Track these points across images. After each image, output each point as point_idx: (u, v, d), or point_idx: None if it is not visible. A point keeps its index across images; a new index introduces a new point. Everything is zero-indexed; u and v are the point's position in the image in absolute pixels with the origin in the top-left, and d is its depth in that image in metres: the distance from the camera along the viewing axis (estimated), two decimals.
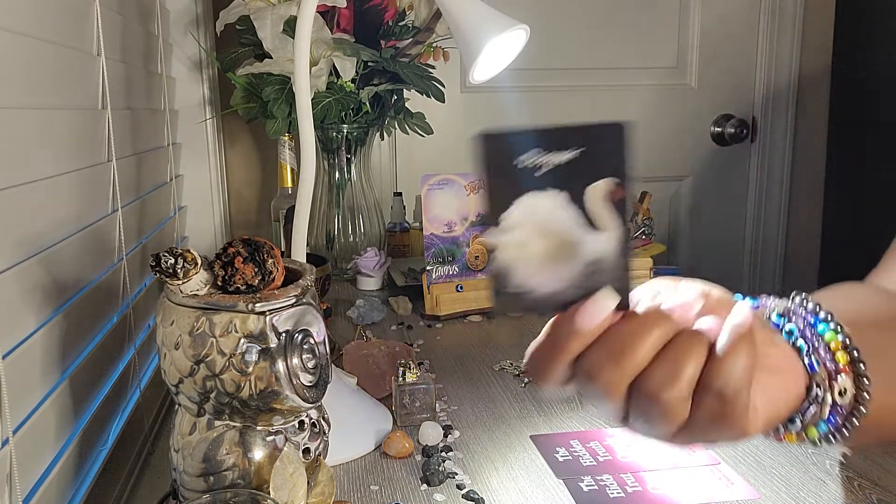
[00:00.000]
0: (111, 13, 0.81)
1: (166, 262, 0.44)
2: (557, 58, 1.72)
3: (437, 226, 1.04)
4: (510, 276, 0.38)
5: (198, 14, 1.35)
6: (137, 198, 0.90)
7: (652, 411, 0.36)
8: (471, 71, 0.84)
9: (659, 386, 0.35)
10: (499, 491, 0.60)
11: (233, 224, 1.52)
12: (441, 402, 0.77)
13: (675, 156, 1.84)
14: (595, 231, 0.37)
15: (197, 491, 0.48)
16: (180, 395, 0.48)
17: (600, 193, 0.37)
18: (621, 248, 0.37)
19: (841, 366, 0.38)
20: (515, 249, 0.37)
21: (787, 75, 1.81)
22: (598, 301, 0.37)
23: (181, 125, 1.33)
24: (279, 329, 0.46)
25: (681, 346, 0.36)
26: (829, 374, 0.39)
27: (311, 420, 0.51)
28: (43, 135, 0.59)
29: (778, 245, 1.91)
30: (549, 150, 0.36)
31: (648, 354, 0.36)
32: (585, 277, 0.38)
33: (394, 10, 1.20)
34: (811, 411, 0.39)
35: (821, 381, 0.39)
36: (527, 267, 0.38)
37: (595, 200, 0.37)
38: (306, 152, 0.67)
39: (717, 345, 0.36)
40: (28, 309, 0.52)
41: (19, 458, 0.46)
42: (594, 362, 0.37)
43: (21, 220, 0.53)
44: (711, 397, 0.35)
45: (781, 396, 0.38)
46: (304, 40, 0.65)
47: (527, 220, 0.37)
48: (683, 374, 0.35)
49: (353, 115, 1.22)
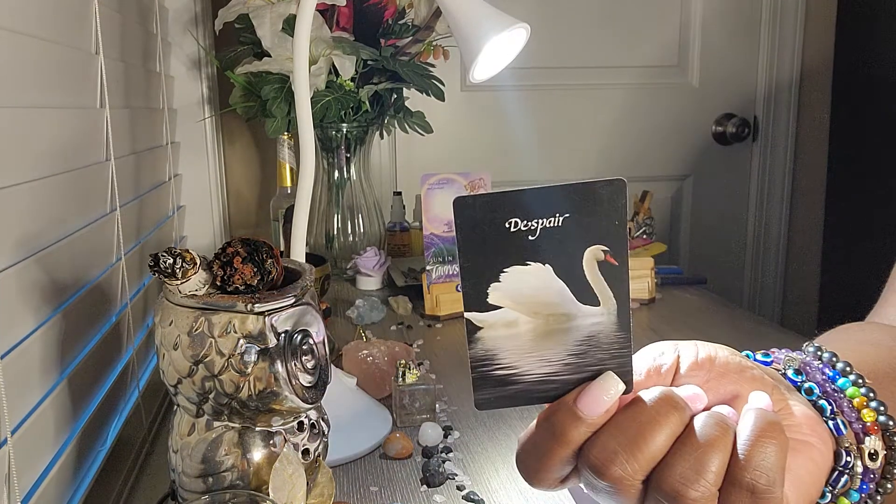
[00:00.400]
0: (110, 12, 0.81)
1: (165, 261, 0.44)
2: (558, 56, 1.71)
3: (437, 225, 1.04)
4: (495, 360, 0.33)
5: (196, 13, 1.35)
6: (136, 197, 0.90)
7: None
8: (471, 70, 0.83)
9: (683, 482, 0.31)
10: (499, 492, 0.60)
11: (232, 224, 1.52)
12: (441, 403, 0.77)
13: (677, 155, 1.83)
14: (590, 304, 0.33)
15: (196, 492, 0.47)
16: (179, 396, 0.48)
17: (598, 260, 0.33)
18: (620, 322, 0.33)
19: (868, 425, 0.35)
20: (503, 329, 0.33)
21: (789, 74, 1.81)
22: (604, 384, 0.33)
23: (180, 124, 1.33)
24: (278, 329, 0.46)
25: (705, 435, 0.32)
26: (857, 435, 0.35)
27: (310, 421, 0.51)
28: (41, 134, 0.59)
29: (779, 244, 1.90)
30: (537, 213, 0.32)
31: (666, 444, 0.32)
32: (579, 356, 0.34)
33: (393, 8, 1.20)
34: (842, 482, 0.35)
35: (849, 447, 0.35)
36: (515, 348, 0.33)
37: (590, 269, 0.33)
38: (305, 151, 0.67)
39: (741, 433, 0.32)
40: (26, 309, 0.52)
41: (18, 459, 0.46)
42: (603, 453, 0.32)
43: (19, 219, 0.52)
44: (741, 493, 0.31)
45: (811, 477, 0.34)
46: (303, 39, 0.65)
47: (514, 295, 0.33)
48: (709, 469, 0.31)
49: (353, 114, 1.22)
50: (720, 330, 1.02)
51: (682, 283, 1.24)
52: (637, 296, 1.11)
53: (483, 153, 1.71)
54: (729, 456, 0.32)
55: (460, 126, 1.69)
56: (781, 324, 1.89)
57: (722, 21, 1.78)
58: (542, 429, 0.34)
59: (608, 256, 0.32)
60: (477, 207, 0.32)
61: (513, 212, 0.32)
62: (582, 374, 0.34)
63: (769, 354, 0.40)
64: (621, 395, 0.34)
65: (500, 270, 0.32)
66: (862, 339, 0.47)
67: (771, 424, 0.32)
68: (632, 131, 1.78)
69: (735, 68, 1.81)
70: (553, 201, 0.32)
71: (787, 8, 1.78)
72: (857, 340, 0.46)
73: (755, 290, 1.93)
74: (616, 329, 0.33)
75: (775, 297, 1.93)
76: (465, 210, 0.32)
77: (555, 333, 0.33)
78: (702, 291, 1.21)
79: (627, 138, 1.78)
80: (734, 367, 0.36)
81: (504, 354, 0.34)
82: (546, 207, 0.32)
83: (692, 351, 0.36)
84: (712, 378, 0.35)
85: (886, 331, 0.49)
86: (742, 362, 0.36)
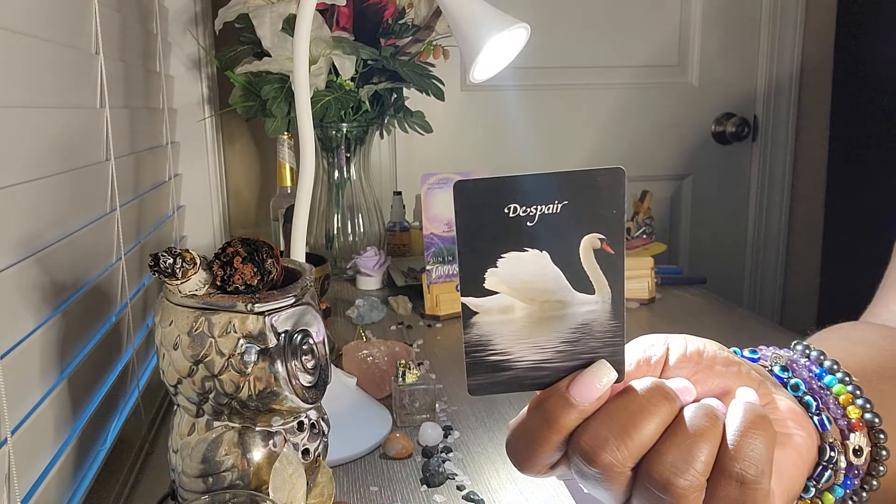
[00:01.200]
0: (110, 11, 0.81)
1: (165, 261, 0.44)
2: (558, 56, 1.71)
3: (436, 225, 1.04)
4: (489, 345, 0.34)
5: (196, 12, 1.35)
6: (136, 197, 0.90)
7: (662, 500, 0.32)
8: (471, 70, 0.83)
9: (672, 471, 0.31)
10: (499, 492, 0.60)
11: (232, 223, 1.52)
12: (441, 403, 0.77)
13: (677, 154, 1.83)
14: (585, 291, 0.33)
15: (196, 492, 0.47)
16: (179, 396, 0.48)
17: (592, 249, 0.33)
18: (614, 311, 0.33)
19: (853, 421, 0.35)
20: (498, 314, 0.33)
21: (789, 73, 1.81)
22: (597, 372, 0.33)
23: (180, 124, 1.33)
24: (278, 329, 0.46)
25: (695, 425, 0.32)
26: (842, 431, 0.36)
27: (310, 421, 0.51)
28: (41, 133, 0.59)
29: (779, 243, 1.90)
30: (536, 200, 0.32)
31: (656, 433, 0.32)
32: (572, 344, 0.34)
33: (393, 8, 1.20)
34: (826, 476, 0.35)
35: (833, 442, 0.35)
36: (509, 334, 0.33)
37: (586, 257, 0.33)
38: (305, 151, 0.67)
39: (729, 425, 0.32)
40: (26, 309, 0.52)
41: (18, 459, 0.46)
42: (594, 440, 0.33)
43: (19, 219, 0.52)
44: (730, 484, 0.31)
45: (796, 470, 0.34)
46: (303, 39, 0.65)
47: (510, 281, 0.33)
48: (698, 458, 0.31)
49: (353, 114, 1.22)
50: (720, 330, 1.02)
51: (682, 282, 1.24)
52: (637, 296, 1.11)
53: (483, 153, 1.71)
54: (718, 446, 0.32)
55: (460, 126, 1.69)
56: (781, 324, 1.89)
57: (722, 21, 1.78)
58: (534, 415, 0.35)
59: (604, 245, 0.33)
60: (477, 192, 0.32)
61: (512, 197, 0.32)
62: (574, 362, 0.34)
63: (756, 351, 0.40)
64: (613, 384, 0.34)
65: (498, 256, 0.33)
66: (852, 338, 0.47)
67: (759, 417, 0.32)
68: (632, 131, 1.78)
69: (735, 68, 1.81)
70: (552, 188, 0.32)
71: (787, 8, 1.78)
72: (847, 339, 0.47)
73: (755, 290, 1.93)
74: (610, 318, 0.33)
75: (775, 296, 1.93)
76: (464, 194, 0.32)
77: (549, 320, 0.34)
78: (702, 291, 1.21)
79: (627, 138, 1.78)
80: (721, 361, 0.36)
81: (498, 340, 0.34)
82: (545, 194, 0.32)
83: (681, 344, 0.36)
84: (700, 371, 0.36)
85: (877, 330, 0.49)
86: (729, 357, 0.36)
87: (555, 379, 0.34)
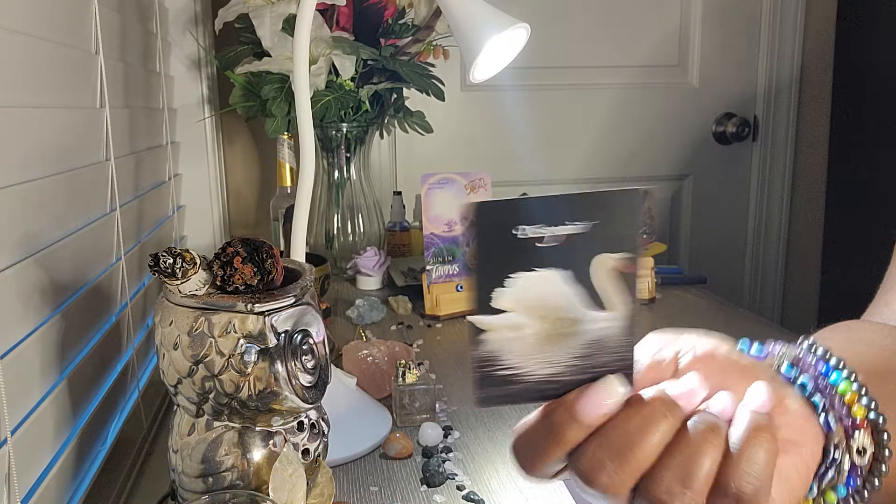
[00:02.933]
0: (110, 11, 0.81)
1: (165, 261, 0.44)
2: (558, 56, 1.71)
3: (437, 225, 1.04)
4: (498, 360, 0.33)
5: (196, 12, 1.35)
6: (136, 197, 0.90)
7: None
8: (471, 70, 0.83)
9: (671, 490, 0.31)
10: (499, 492, 0.60)
11: (232, 223, 1.52)
12: (441, 403, 0.77)
13: (677, 154, 1.83)
14: (599, 308, 0.33)
15: (196, 492, 0.47)
16: (179, 396, 0.48)
17: (607, 268, 0.32)
18: (626, 327, 0.33)
19: (858, 420, 0.35)
20: (509, 332, 0.33)
21: (789, 73, 1.81)
22: (606, 389, 0.33)
23: (180, 124, 1.33)
24: (278, 329, 0.46)
25: (695, 441, 0.32)
26: (846, 430, 0.35)
27: (310, 421, 0.51)
28: (41, 133, 0.59)
29: (780, 244, 1.90)
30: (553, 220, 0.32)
31: (656, 451, 0.32)
32: (584, 359, 0.34)
33: (393, 8, 1.20)
34: (829, 476, 0.35)
35: (838, 442, 0.35)
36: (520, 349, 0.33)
37: (601, 275, 0.33)
38: (305, 151, 0.67)
39: (732, 434, 0.32)
40: (26, 309, 0.52)
41: (18, 459, 0.46)
42: (593, 461, 0.32)
43: (19, 219, 0.52)
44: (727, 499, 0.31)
45: (799, 477, 0.34)
46: (303, 38, 0.65)
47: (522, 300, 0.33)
48: (698, 476, 0.31)
49: (353, 114, 1.22)
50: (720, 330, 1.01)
51: (682, 282, 1.24)
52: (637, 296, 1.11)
53: (483, 153, 1.71)
54: (719, 461, 0.32)
55: (460, 126, 1.69)
56: (781, 323, 1.89)
57: (722, 21, 1.78)
58: (540, 426, 0.35)
59: (619, 264, 0.32)
60: (493, 213, 0.32)
61: (526, 218, 0.32)
62: (584, 376, 0.34)
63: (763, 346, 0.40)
64: None
65: (509, 275, 0.33)
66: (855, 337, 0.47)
67: (762, 427, 0.32)
68: (632, 131, 1.78)
69: (735, 68, 1.81)
70: (569, 209, 0.32)
71: (787, 8, 1.78)
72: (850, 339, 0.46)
73: (755, 290, 1.93)
74: (621, 334, 0.33)
75: (775, 296, 1.93)
76: (482, 215, 0.32)
77: (561, 337, 0.34)
78: (702, 291, 1.21)
79: (627, 138, 1.78)
80: (733, 364, 0.36)
81: (508, 356, 0.34)
82: (560, 215, 0.32)
83: (692, 346, 0.37)
84: (712, 374, 0.36)
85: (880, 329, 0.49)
86: (741, 358, 0.36)
87: (564, 392, 0.34)
